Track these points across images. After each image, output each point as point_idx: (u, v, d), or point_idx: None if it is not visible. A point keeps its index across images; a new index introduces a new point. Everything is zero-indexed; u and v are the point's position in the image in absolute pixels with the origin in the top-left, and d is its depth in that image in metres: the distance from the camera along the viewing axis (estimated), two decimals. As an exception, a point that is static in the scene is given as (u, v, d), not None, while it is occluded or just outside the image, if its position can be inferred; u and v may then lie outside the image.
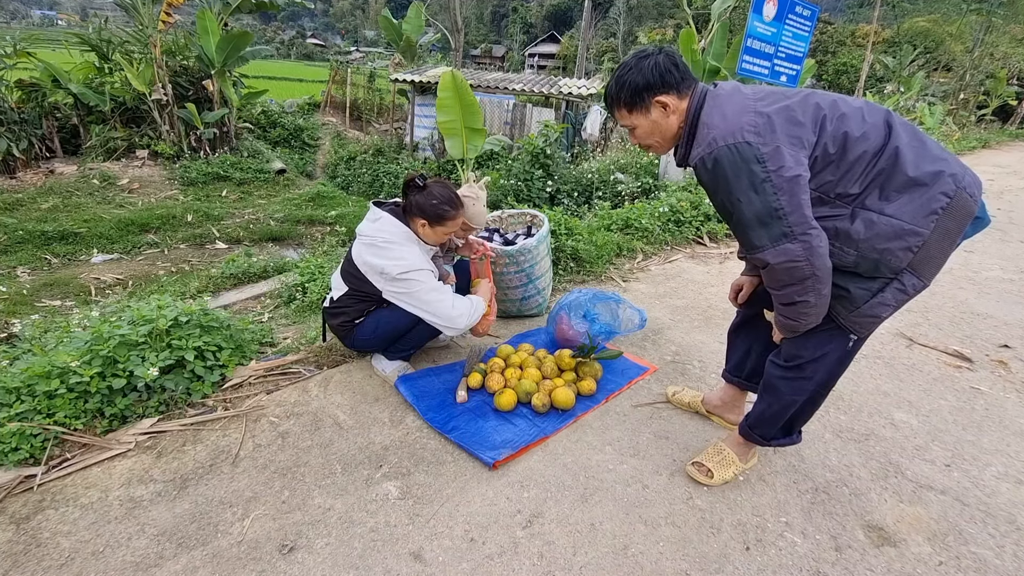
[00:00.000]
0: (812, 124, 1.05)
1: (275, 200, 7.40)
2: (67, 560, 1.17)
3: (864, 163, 1.04)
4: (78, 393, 1.55)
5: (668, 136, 1.19)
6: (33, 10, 62.26)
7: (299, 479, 1.43)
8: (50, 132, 7.27)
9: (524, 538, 1.28)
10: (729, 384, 1.66)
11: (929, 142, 1.08)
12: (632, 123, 1.20)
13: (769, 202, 1.01)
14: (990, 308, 2.87)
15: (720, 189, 1.07)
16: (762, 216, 1.03)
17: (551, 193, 5.15)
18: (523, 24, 46.23)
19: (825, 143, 1.04)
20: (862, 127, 1.04)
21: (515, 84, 10.30)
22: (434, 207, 1.64)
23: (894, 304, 1.10)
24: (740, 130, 1.03)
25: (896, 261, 1.06)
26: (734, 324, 1.60)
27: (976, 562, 1.27)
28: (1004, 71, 14.35)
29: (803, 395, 1.28)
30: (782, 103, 1.07)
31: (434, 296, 1.64)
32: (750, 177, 1.02)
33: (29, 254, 4.96)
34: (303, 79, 21.31)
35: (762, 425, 1.39)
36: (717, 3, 5.97)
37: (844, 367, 1.26)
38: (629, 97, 1.15)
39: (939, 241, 1.05)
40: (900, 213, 1.04)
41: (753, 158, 1.01)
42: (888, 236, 1.04)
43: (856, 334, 1.17)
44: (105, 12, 8.06)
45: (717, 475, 1.45)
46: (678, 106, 1.14)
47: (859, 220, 1.06)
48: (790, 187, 1.01)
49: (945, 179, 1.03)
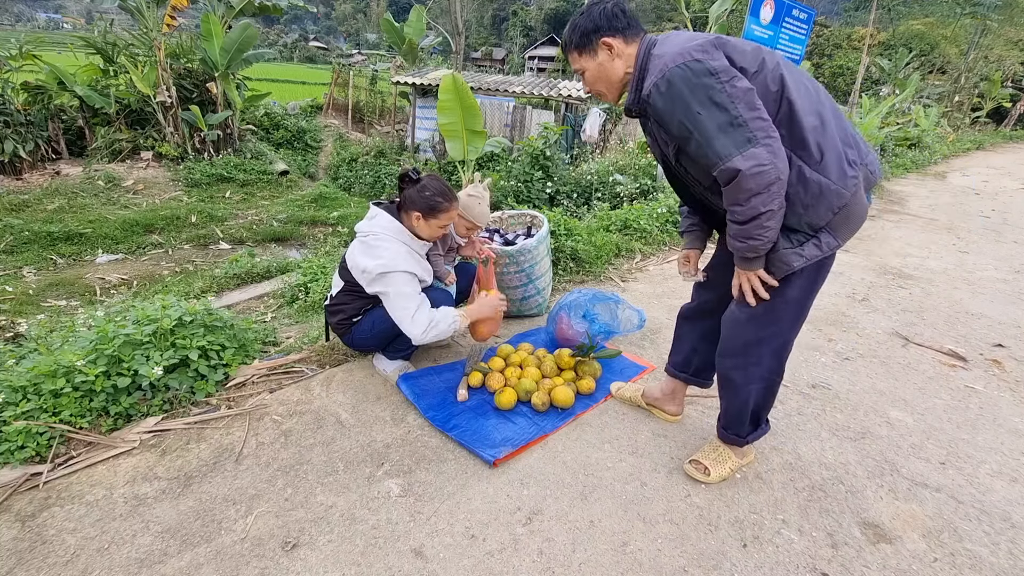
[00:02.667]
0: (753, 57, 1.10)
1: (278, 201, 7.44)
2: (72, 557, 1.19)
3: (800, 112, 1.09)
4: (83, 392, 1.57)
5: (614, 80, 1.23)
6: (38, 13, 62.58)
7: (302, 477, 1.45)
8: (56, 134, 7.31)
9: (524, 535, 1.29)
10: (672, 378, 1.68)
11: (846, 120, 1.16)
12: (581, 66, 1.25)
13: (728, 110, 1.04)
14: (984, 308, 2.88)
15: (678, 108, 1.08)
16: (724, 125, 1.04)
17: (551, 194, 5.17)
18: (523, 27, 46.36)
19: (765, 77, 1.08)
20: (798, 76, 1.11)
21: (515, 86, 10.33)
22: (427, 199, 1.65)
23: (807, 258, 1.15)
24: (688, 51, 1.06)
25: (818, 219, 1.12)
26: (687, 308, 1.61)
27: (971, 559, 1.29)
28: (999, 74, 14.39)
29: (758, 382, 1.33)
30: (724, 37, 1.13)
31: (400, 302, 1.61)
32: (706, 90, 1.04)
33: (35, 254, 4.99)
34: (306, 81, 21.38)
35: (733, 424, 1.43)
36: (715, 6, 6.00)
37: (787, 352, 1.32)
38: (579, 39, 1.22)
39: (857, 205, 1.11)
40: (827, 171, 1.09)
41: (705, 71, 1.04)
42: (815, 192, 1.09)
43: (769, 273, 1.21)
44: (110, 15, 8.09)
45: (714, 472, 1.47)
46: (624, 50, 1.20)
47: (793, 169, 1.10)
48: (745, 96, 1.04)
49: (861, 148, 1.13)
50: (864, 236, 4.24)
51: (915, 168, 7.95)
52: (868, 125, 7.16)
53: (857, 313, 2.73)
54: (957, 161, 9.31)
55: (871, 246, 3.98)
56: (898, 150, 8.63)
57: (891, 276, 3.33)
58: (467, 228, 1.93)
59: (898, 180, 7.04)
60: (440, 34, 18.71)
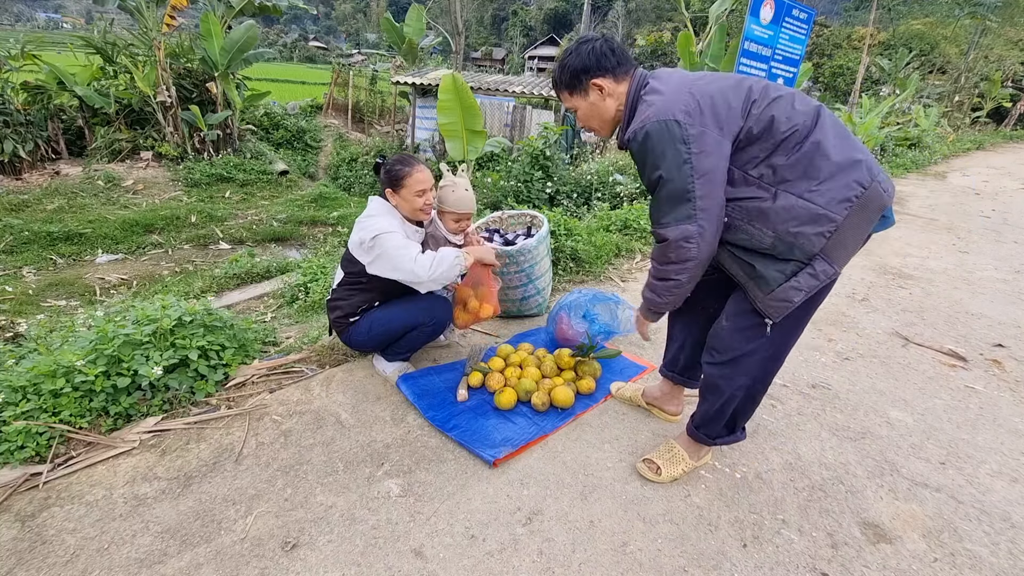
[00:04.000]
0: (741, 109, 1.10)
1: (278, 201, 7.43)
2: (72, 557, 1.19)
3: (789, 145, 1.09)
4: (83, 392, 1.57)
5: (606, 119, 1.24)
6: (38, 13, 62.52)
7: (302, 477, 1.45)
8: (55, 134, 7.30)
9: (524, 535, 1.29)
10: (666, 379, 1.70)
11: (852, 137, 1.14)
12: (573, 104, 1.27)
13: (685, 183, 1.08)
14: (984, 308, 2.88)
15: (648, 162, 1.12)
16: (674, 194, 1.10)
17: (551, 194, 5.17)
18: (523, 27, 46.35)
19: (751, 126, 1.10)
20: (789, 112, 1.10)
21: (515, 86, 10.34)
22: (389, 172, 1.68)
23: (805, 289, 1.14)
24: (673, 109, 1.09)
25: (810, 245, 1.10)
26: (678, 307, 1.62)
27: (971, 559, 1.29)
28: (999, 73, 14.39)
29: (741, 391, 1.32)
30: (717, 85, 1.13)
31: (398, 252, 1.59)
32: (674, 155, 1.08)
33: (35, 254, 4.99)
34: (305, 81, 21.37)
35: (707, 424, 1.42)
36: (715, 6, 6.00)
37: (778, 363, 1.31)
38: (568, 79, 1.23)
39: (851, 229, 1.10)
40: (817, 198, 1.08)
41: (680, 138, 1.07)
42: (804, 220, 1.09)
43: (770, 318, 1.21)
44: (110, 15, 8.08)
45: (665, 472, 1.47)
46: (614, 89, 1.21)
47: (779, 201, 1.10)
48: (707, 174, 1.07)
49: (862, 170, 1.08)
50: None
51: (915, 168, 7.96)
52: (868, 125, 7.16)
53: (857, 313, 2.73)
54: (957, 161, 9.31)
55: (871, 246, 3.98)
56: (898, 150, 8.64)
57: (891, 276, 3.33)
58: (454, 220, 1.89)
59: (898, 180, 7.04)
60: (440, 34, 18.70)
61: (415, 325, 1.77)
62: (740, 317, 1.25)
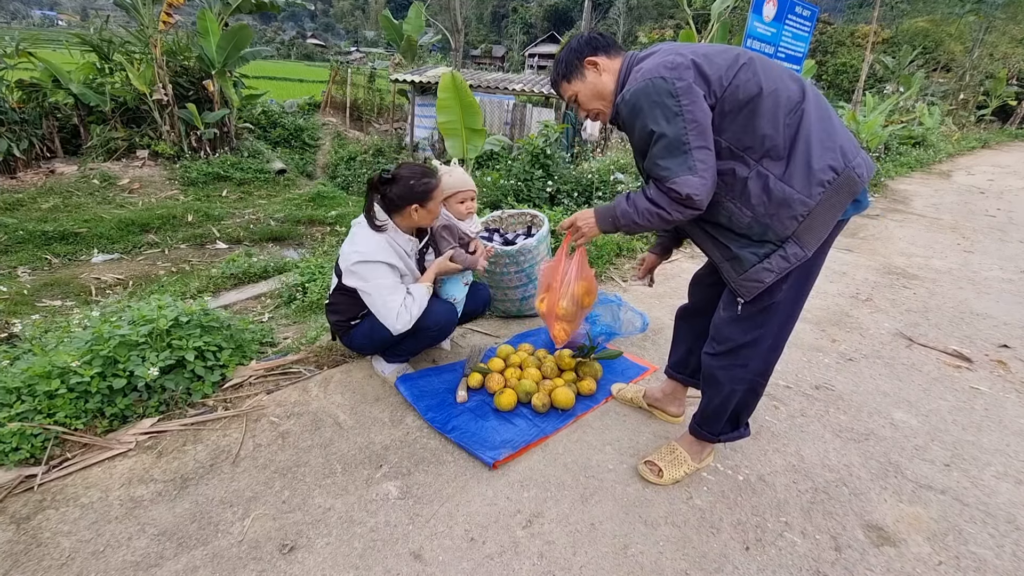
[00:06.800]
0: (727, 70, 1.09)
1: (275, 200, 7.40)
2: (67, 560, 1.17)
3: (772, 119, 1.08)
4: (78, 393, 1.55)
5: (606, 95, 1.24)
6: (33, 10, 62.25)
7: (299, 479, 1.43)
8: (51, 132, 7.26)
9: (524, 538, 1.28)
10: (671, 379, 1.69)
11: (835, 119, 1.14)
12: (573, 91, 1.27)
13: (679, 134, 1.06)
14: (989, 308, 2.87)
15: (638, 122, 1.11)
16: (672, 146, 1.07)
17: (551, 193, 5.14)
18: (523, 24, 46.24)
19: (736, 87, 1.08)
20: (774, 84, 1.09)
21: (515, 84, 10.30)
22: (413, 187, 1.60)
23: (776, 271, 1.15)
24: (658, 67, 1.09)
25: (783, 228, 1.11)
26: (684, 308, 1.63)
27: (976, 562, 1.27)
28: (1004, 71, 14.34)
29: (742, 384, 1.31)
30: (709, 47, 1.13)
31: (388, 307, 1.58)
32: (663, 109, 1.07)
33: (30, 254, 4.95)
34: (303, 79, 21.29)
35: (709, 421, 1.41)
36: (717, 3, 5.96)
37: (776, 354, 1.31)
38: (564, 68, 1.26)
39: (823, 213, 1.10)
40: (792, 180, 1.08)
41: (667, 92, 1.06)
42: (779, 202, 1.09)
43: (742, 297, 1.22)
44: (105, 12, 8.03)
45: (667, 474, 1.45)
46: (609, 65, 1.23)
47: (759, 180, 1.10)
48: (698, 124, 1.06)
49: (837, 154, 1.09)
50: (868, 236, 4.22)
51: (919, 167, 7.94)
52: (872, 123, 7.12)
53: (861, 313, 2.72)
54: (962, 160, 9.30)
55: (875, 245, 3.96)
56: (902, 148, 8.60)
57: (895, 276, 3.32)
58: (460, 202, 1.86)
59: (902, 179, 7.03)
60: (439, 31, 18.63)
61: (419, 329, 1.74)
62: (733, 306, 1.26)
